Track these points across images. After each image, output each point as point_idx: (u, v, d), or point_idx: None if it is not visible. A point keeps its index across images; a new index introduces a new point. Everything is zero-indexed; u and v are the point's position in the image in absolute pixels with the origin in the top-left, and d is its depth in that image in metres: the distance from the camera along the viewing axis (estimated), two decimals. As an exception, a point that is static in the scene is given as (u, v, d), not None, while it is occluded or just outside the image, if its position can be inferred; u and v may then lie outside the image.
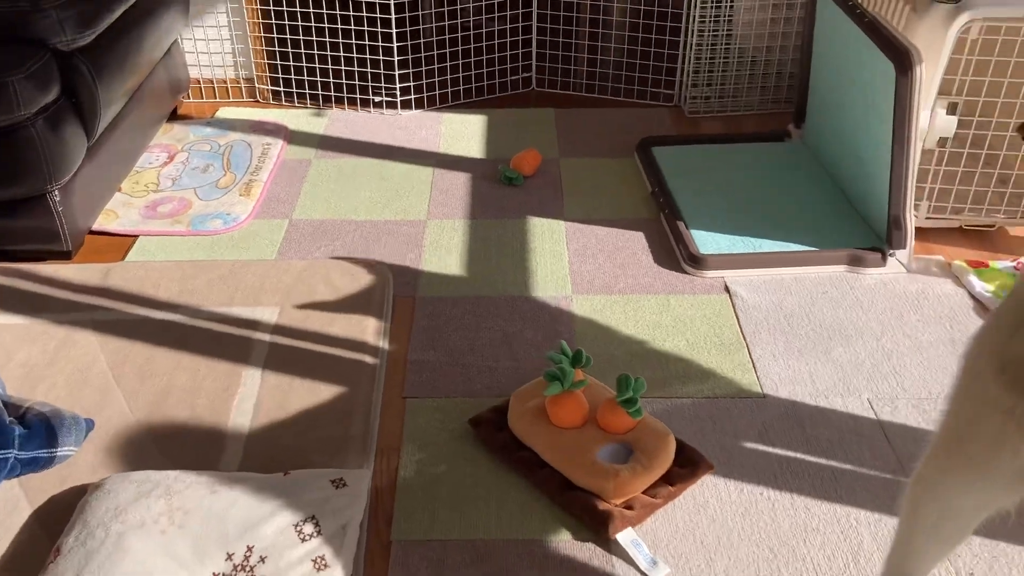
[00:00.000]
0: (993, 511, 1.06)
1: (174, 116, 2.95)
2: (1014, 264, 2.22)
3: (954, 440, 1.04)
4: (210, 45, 3.03)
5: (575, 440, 1.61)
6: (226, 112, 3.01)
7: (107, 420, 1.76)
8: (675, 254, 2.28)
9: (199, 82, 3.07)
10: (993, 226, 2.35)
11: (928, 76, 2.05)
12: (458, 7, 3.04)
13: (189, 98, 3.07)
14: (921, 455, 1.11)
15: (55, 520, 1.54)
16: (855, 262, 2.21)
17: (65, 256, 2.25)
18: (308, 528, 1.44)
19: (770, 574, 1.47)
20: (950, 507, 1.07)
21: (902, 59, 1.98)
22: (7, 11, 2.05)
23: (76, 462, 1.66)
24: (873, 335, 2.00)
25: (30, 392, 1.82)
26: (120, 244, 2.34)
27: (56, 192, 2.13)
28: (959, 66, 2.11)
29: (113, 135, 2.40)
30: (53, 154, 2.07)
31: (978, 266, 2.21)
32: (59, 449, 1.62)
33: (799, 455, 1.70)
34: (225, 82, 3.08)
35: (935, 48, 2.07)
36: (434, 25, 2.98)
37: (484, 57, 3.09)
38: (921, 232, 2.32)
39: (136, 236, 2.35)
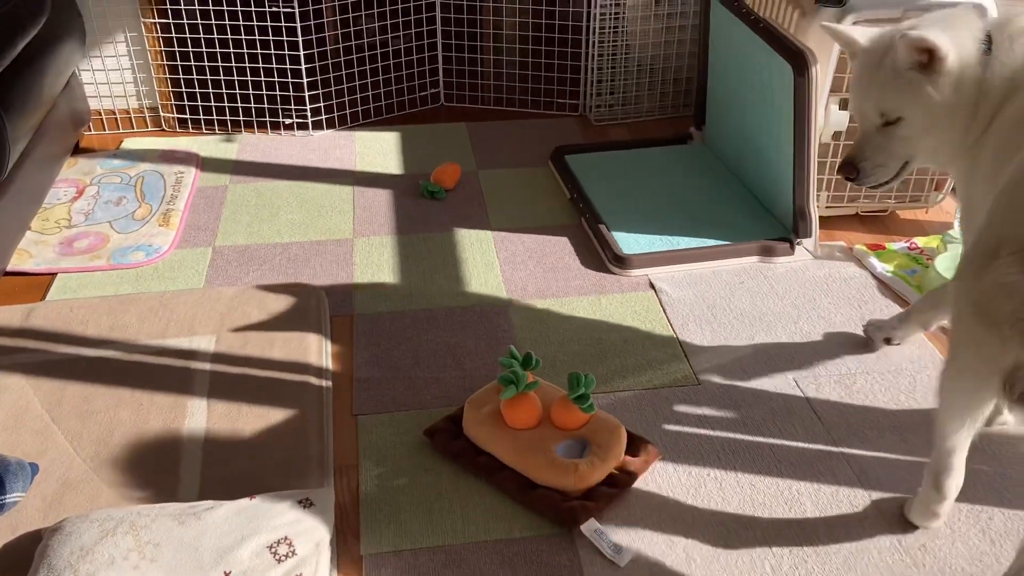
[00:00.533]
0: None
1: (77, 150, 2.87)
2: (908, 245, 2.40)
3: (957, 354, 1.43)
4: (109, 75, 2.96)
5: (532, 440, 1.67)
6: (132, 143, 2.94)
7: (51, 463, 1.71)
8: (600, 256, 2.37)
9: (100, 114, 3.00)
10: (886, 211, 2.54)
11: (821, 75, 2.21)
12: (363, 26, 3.07)
13: (91, 130, 3.00)
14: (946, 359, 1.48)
15: (13, 570, 1.49)
16: (766, 252, 2.35)
17: (-20, 299, 2.18)
18: (283, 549, 1.45)
19: (726, 549, 1.56)
20: (967, 395, 1.45)
21: (799, 61, 2.13)
22: (-94, 50, 1.97)
23: (24, 508, 1.62)
24: (791, 319, 2.14)
25: (-36, 442, 1.76)
26: (38, 283, 2.27)
27: (-31, 234, 2.07)
28: (847, 64, 2.27)
29: (19, 172, 2.32)
30: (-35, 195, 2.01)
31: (876, 249, 2.38)
32: (7, 496, 1.58)
33: (738, 435, 1.81)
34: (128, 112, 3.02)
35: (824, 48, 2.22)
36: (341, 45, 2.99)
37: (392, 75, 3.13)
38: (823, 220, 2.48)
39: (54, 274, 2.29)
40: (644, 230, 2.43)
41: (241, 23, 2.87)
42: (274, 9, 2.83)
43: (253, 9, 2.84)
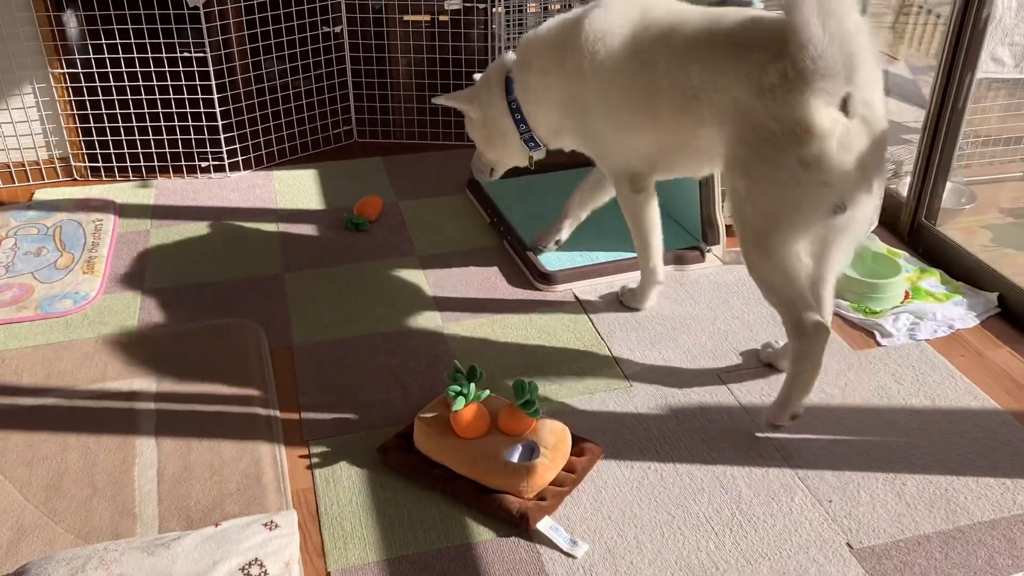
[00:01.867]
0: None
1: (-13, 203, 2.83)
2: (806, 246, 2.60)
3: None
4: (17, 127, 2.93)
5: (483, 448, 1.76)
6: (45, 194, 2.92)
7: (2, 513, 1.70)
8: (525, 275, 2.48)
9: (8, 166, 2.96)
10: (783, 217, 2.74)
11: (718, 94, 2.38)
12: (275, 68, 3.13)
13: (0, 184, 2.95)
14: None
15: (-24, 618, 1.49)
16: (679, 261, 2.51)
17: (-96, 358, 2.13)
18: (255, 570, 1.49)
19: (672, 533, 1.67)
20: (650, 196, 2.24)
21: (698, 82, 2.30)
22: None
23: (-21, 559, 1.60)
24: (708, 320, 2.29)
25: (-95, 500, 1.73)
26: (-37, 338, 2.24)
27: None
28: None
29: (-65, 227, 2.30)
30: None
31: (779, 252, 2.57)
32: (-37, 547, 1.56)
33: (671, 428, 1.93)
34: (38, 163, 2.99)
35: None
36: (254, 87, 3.04)
37: (305, 114, 3.19)
38: (727, 228, 2.65)
39: (-21, 328, 2.26)
40: (563, 248, 2.55)
41: (152, 69, 2.89)
42: (185, 54, 2.86)
43: (164, 55, 2.86)
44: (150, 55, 2.86)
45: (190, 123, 2.98)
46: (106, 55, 2.87)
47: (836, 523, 1.69)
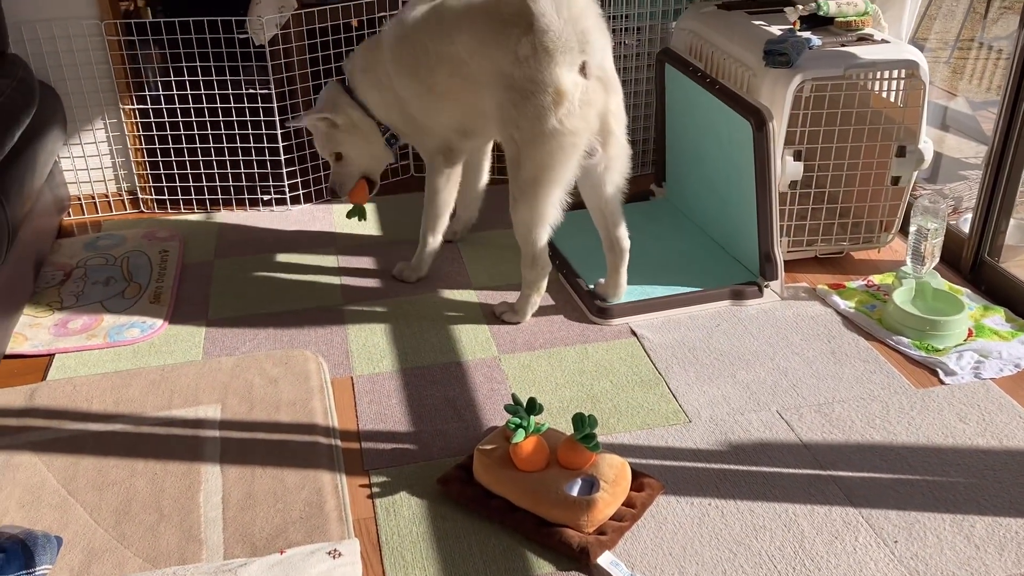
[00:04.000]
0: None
1: (60, 234, 2.93)
2: (865, 283, 2.57)
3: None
4: (88, 161, 3.04)
5: (542, 481, 1.76)
6: (113, 225, 3.01)
7: (74, 536, 1.75)
8: (581, 308, 2.49)
9: (79, 198, 3.06)
10: (842, 252, 2.72)
11: (777, 130, 2.39)
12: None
13: (70, 215, 3.05)
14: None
15: (48, 638, 1.52)
16: (737, 296, 2.50)
17: (-19, 383, 2.21)
18: (319, 598, 1.51)
19: (734, 571, 1.66)
20: (456, 171, 2.55)
21: (757, 117, 2.31)
22: (-90, 143, 2.04)
23: (52, 580, 1.65)
24: (767, 356, 2.28)
25: (-19, 521, 1.78)
26: (36, 365, 2.30)
27: (-28, 319, 2.11)
28: (798, 119, 2.47)
29: (12, 257, 2.38)
30: (-32, 280, 2.06)
31: (837, 287, 2.55)
32: (37, 569, 1.60)
33: (731, 466, 1.92)
34: (107, 196, 3.09)
35: (777, 105, 2.41)
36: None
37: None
38: (785, 264, 2.64)
39: (52, 355, 2.33)
40: (620, 282, 2.56)
41: (219, 105, 2.98)
42: (251, 91, 2.95)
43: (231, 92, 2.95)
44: (216, 91, 2.95)
45: (254, 158, 3.06)
46: (175, 91, 2.96)
47: (903, 564, 1.66)
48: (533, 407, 1.84)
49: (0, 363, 2.29)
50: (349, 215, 2.72)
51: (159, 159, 3.08)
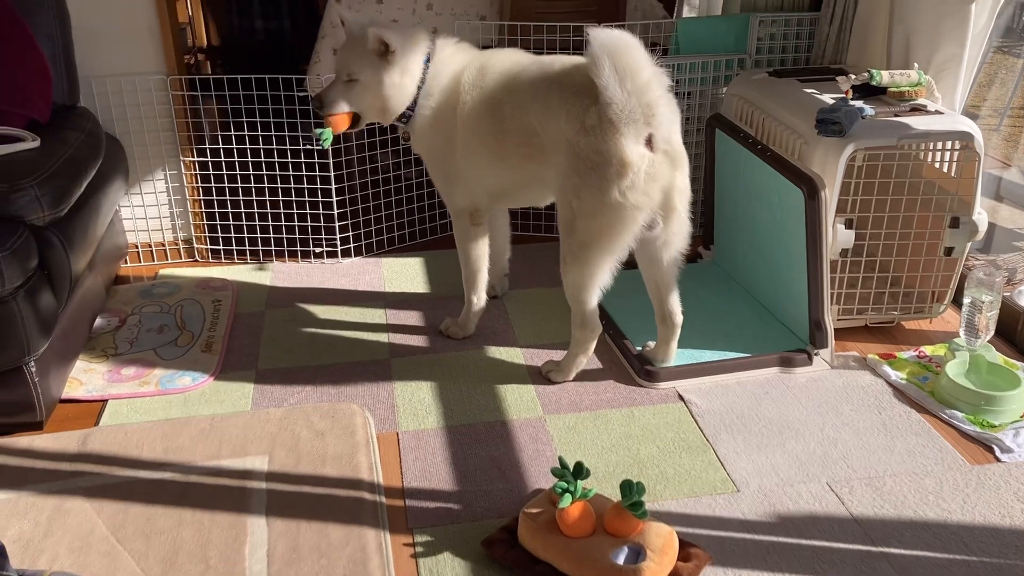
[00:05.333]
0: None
1: (116, 281, 3.00)
2: (916, 353, 2.54)
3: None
4: (147, 210, 3.12)
5: (588, 547, 1.74)
6: (168, 273, 3.07)
7: (120, 583, 1.76)
8: (627, 370, 2.48)
9: (136, 246, 3.14)
10: (892, 322, 2.69)
11: (828, 198, 2.39)
12: (389, 161, 3.27)
13: (127, 262, 3.13)
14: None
15: None
16: (786, 363, 2.48)
17: (37, 427, 2.25)
18: (362, 659, 1.50)
19: (783, 648, 1.62)
20: (483, 231, 2.55)
21: (810, 186, 2.31)
22: (-15, 192, 2.12)
23: (98, 629, 1.66)
24: (817, 426, 2.25)
25: (32, 567, 1.80)
26: (89, 410, 2.35)
27: (32, 363, 2.15)
28: (850, 188, 2.46)
29: (71, 303, 2.44)
30: (30, 326, 2.11)
31: (888, 358, 2.52)
32: (84, 616, 1.62)
33: (780, 538, 1.88)
34: (163, 244, 3.16)
35: (829, 173, 2.41)
36: (369, 179, 3.18)
37: (415, 204, 3.30)
38: (835, 332, 2.62)
39: (105, 400, 2.37)
40: (667, 345, 2.55)
41: (276, 160, 3.05)
42: (308, 147, 3.02)
43: (288, 147, 3.03)
44: (275, 146, 3.03)
45: (307, 211, 3.12)
46: (234, 145, 3.05)
47: (959, 650, 1.61)
48: (580, 471, 1.83)
49: (56, 407, 2.33)
50: (316, 132, 2.48)
51: (215, 210, 3.15)
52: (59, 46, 2.64)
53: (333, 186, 3.05)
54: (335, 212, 3.10)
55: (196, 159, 3.08)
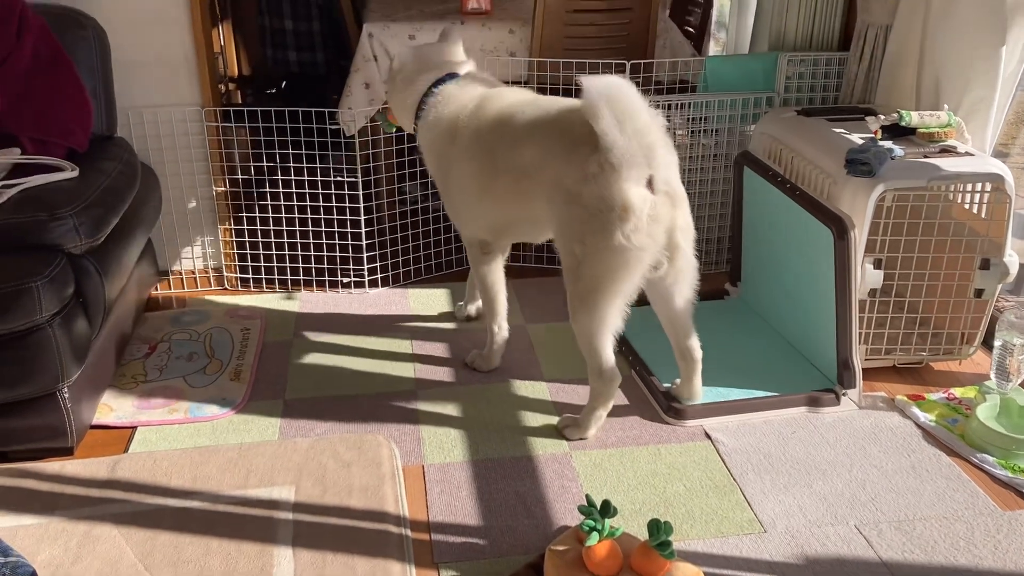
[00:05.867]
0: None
1: (147, 308, 3.03)
2: (946, 395, 2.52)
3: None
4: (179, 239, 3.16)
5: (615, 586, 1.74)
6: (198, 302, 3.11)
7: (148, 612, 1.77)
8: (654, 407, 2.48)
9: (167, 274, 3.18)
10: (921, 362, 2.67)
11: (858, 238, 2.38)
12: (417, 193, 3.30)
13: (158, 290, 3.17)
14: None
15: None
16: (813, 403, 2.46)
17: (67, 452, 2.27)
18: None
19: None
20: (496, 260, 2.59)
21: (839, 226, 2.31)
22: (26, 220, 2.16)
23: (125, 657, 1.66)
24: (844, 467, 2.23)
25: (61, 591, 1.82)
26: (119, 436, 2.37)
27: (65, 390, 2.18)
28: (879, 228, 2.46)
29: (104, 330, 2.47)
30: (65, 353, 2.14)
31: (917, 399, 2.50)
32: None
33: (808, 582, 1.87)
34: (193, 272, 3.20)
35: (858, 213, 2.41)
36: (397, 211, 3.21)
37: (442, 236, 3.33)
38: (862, 372, 2.60)
39: (135, 427, 2.40)
40: (694, 382, 2.55)
41: (307, 191, 3.09)
42: (339, 179, 3.06)
43: (319, 179, 3.07)
44: (305, 177, 3.07)
45: (336, 241, 3.15)
46: (266, 176, 3.09)
47: None
48: (607, 509, 1.82)
49: (87, 433, 2.36)
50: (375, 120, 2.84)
51: (246, 239, 3.19)
52: (99, 78, 2.70)
53: (362, 217, 3.08)
54: (363, 243, 3.13)
55: (228, 189, 3.13)
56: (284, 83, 4.72)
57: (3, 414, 2.17)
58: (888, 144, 2.50)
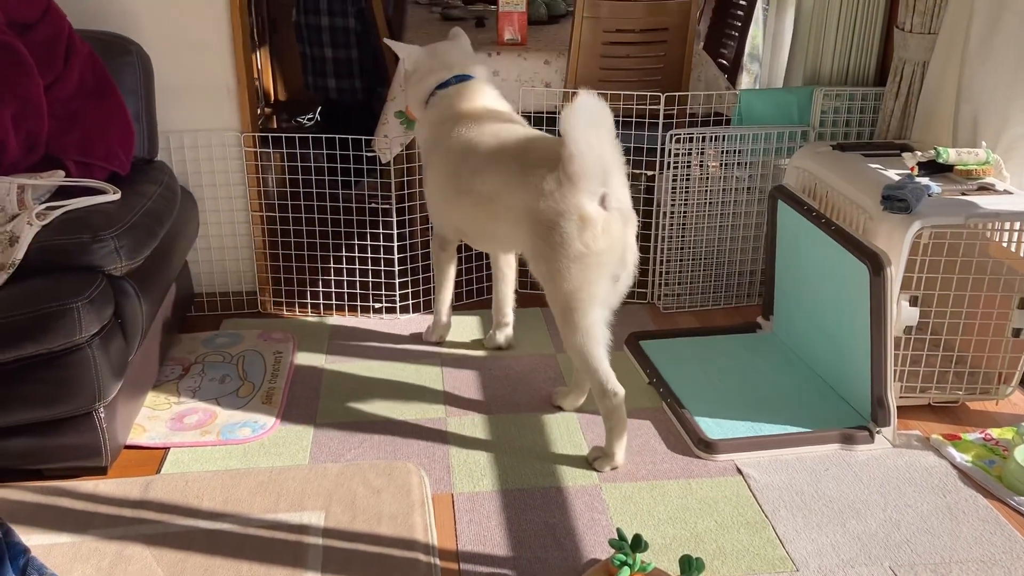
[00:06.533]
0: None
1: (181, 330, 3.07)
2: (983, 436, 2.48)
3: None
4: (214, 262, 3.20)
5: (646, 622, 1.72)
6: (232, 324, 3.14)
7: (178, 634, 1.78)
8: (684, 440, 2.47)
9: (202, 296, 3.22)
10: (956, 402, 2.63)
11: (894, 274, 2.37)
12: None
13: (192, 312, 3.20)
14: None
15: None
16: (847, 440, 2.44)
17: (101, 472, 2.30)
18: None
19: None
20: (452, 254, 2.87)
21: (875, 262, 2.30)
22: (68, 242, 2.20)
23: None
24: (879, 507, 2.20)
25: (92, 611, 1.83)
26: (152, 457, 2.39)
27: (102, 409, 2.21)
28: (915, 265, 2.45)
29: (139, 351, 2.50)
30: (103, 373, 2.17)
31: (953, 439, 2.46)
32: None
33: (842, 624, 1.84)
34: (228, 295, 3.24)
35: (894, 250, 2.39)
36: (430, 237, 3.23)
37: (473, 264, 3.34)
38: (896, 410, 2.57)
39: (167, 448, 2.42)
40: (725, 415, 2.53)
41: (342, 217, 3.12)
42: (373, 205, 3.08)
43: (354, 205, 3.10)
44: (341, 203, 3.10)
45: (369, 267, 3.18)
46: (302, 201, 3.13)
47: None
48: (639, 544, 1.81)
49: (120, 453, 2.38)
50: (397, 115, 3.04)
51: (280, 263, 3.22)
52: (142, 103, 2.75)
53: (395, 243, 3.11)
54: (396, 268, 3.15)
55: (264, 213, 3.17)
56: (320, 109, 4.79)
57: (40, 432, 2.20)
58: (925, 181, 2.49)
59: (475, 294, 3.36)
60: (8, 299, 2.10)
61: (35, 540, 2.02)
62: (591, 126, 2.14)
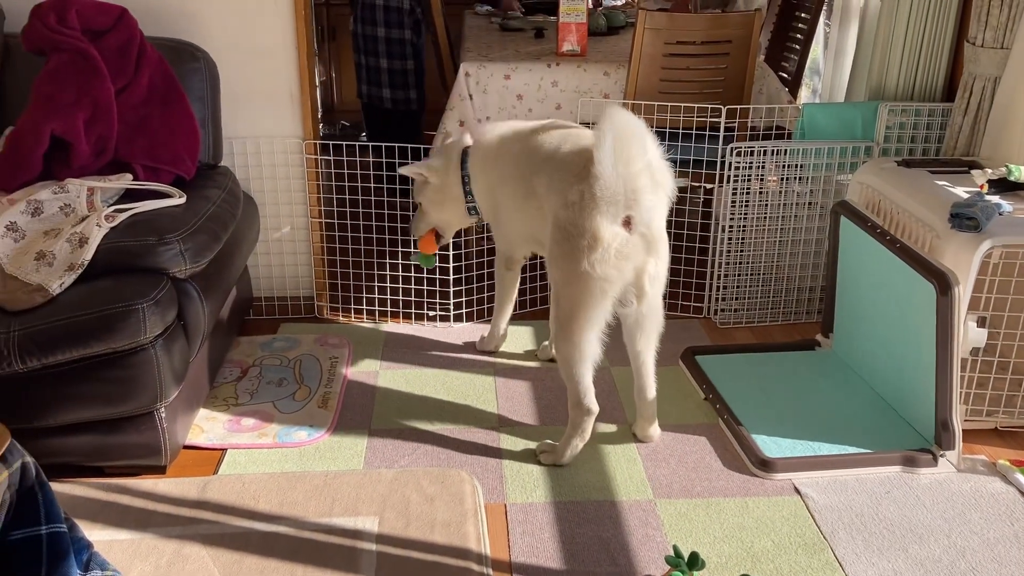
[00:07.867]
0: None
1: (240, 333, 3.11)
2: (1052, 462, 2.40)
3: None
4: (273, 267, 3.24)
5: (702, 642, 1.69)
6: (289, 328, 3.18)
7: (233, 635, 1.79)
8: (741, 458, 2.43)
9: (260, 300, 3.26)
10: (1025, 426, 2.56)
11: (961, 294, 2.31)
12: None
13: (251, 315, 3.25)
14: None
15: None
16: (909, 463, 2.38)
17: (160, 471, 2.33)
18: None
19: None
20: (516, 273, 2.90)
21: (942, 281, 2.24)
22: (134, 244, 2.24)
23: None
24: (943, 533, 2.14)
25: (151, 608, 1.86)
26: (210, 458, 2.42)
27: (163, 409, 2.25)
28: (984, 285, 2.38)
29: (201, 353, 2.54)
30: (165, 374, 2.20)
31: (1020, 465, 2.39)
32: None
33: (904, 652, 1.79)
34: (285, 299, 3.27)
35: (962, 268, 2.34)
36: (485, 247, 3.24)
37: (527, 274, 3.34)
38: (962, 433, 2.51)
39: (224, 449, 2.45)
40: (783, 434, 2.49)
41: (399, 224, 3.14)
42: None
43: (411, 213, 3.11)
44: (398, 211, 3.12)
45: (424, 274, 3.19)
46: (360, 208, 3.16)
47: None
48: (696, 562, 1.79)
49: (179, 453, 2.42)
50: (412, 259, 2.96)
51: (338, 269, 3.26)
52: (208, 109, 2.80)
53: (450, 252, 3.12)
54: (450, 277, 3.16)
55: (323, 220, 3.20)
56: (375, 118, 4.83)
57: (102, 430, 2.24)
58: (995, 199, 2.42)
59: (528, 304, 3.35)
60: (76, 299, 2.15)
61: (96, 535, 2.06)
62: (621, 146, 2.09)
